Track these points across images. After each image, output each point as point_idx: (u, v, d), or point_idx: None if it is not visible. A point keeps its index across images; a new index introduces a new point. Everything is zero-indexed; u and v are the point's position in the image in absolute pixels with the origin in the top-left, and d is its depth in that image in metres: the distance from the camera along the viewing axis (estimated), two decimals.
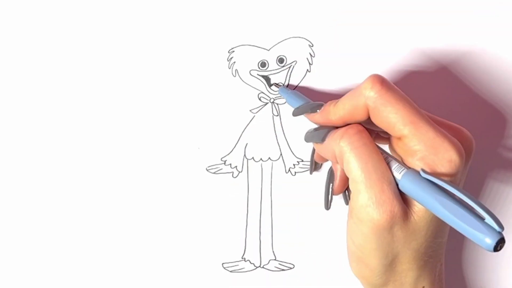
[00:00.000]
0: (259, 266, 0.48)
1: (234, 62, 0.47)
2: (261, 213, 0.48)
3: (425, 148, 0.36)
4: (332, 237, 0.48)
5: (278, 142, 0.48)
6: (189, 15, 0.46)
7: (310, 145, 0.47)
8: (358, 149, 0.37)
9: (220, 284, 0.48)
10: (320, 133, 0.41)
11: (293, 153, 0.48)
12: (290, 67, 0.47)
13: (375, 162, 0.37)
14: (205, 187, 0.48)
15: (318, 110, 0.41)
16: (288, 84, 0.47)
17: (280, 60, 0.47)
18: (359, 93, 0.38)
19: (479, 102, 0.47)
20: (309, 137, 0.43)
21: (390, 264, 0.38)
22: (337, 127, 0.40)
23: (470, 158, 0.39)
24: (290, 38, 0.46)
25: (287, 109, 0.47)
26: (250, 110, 0.47)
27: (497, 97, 0.47)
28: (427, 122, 0.37)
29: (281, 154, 0.48)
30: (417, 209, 0.37)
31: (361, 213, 0.37)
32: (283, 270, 0.48)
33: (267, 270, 0.48)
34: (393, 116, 0.37)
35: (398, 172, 0.37)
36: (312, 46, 0.46)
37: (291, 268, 0.48)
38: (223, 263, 0.48)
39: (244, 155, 0.48)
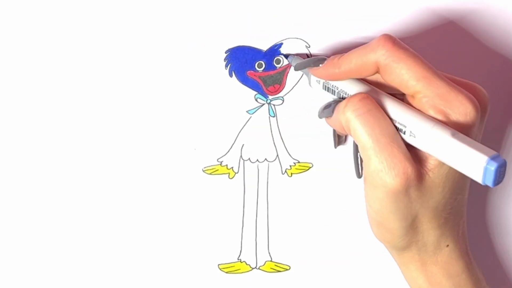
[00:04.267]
0: (255, 267, 0.48)
1: (231, 62, 0.46)
2: (257, 214, 0.48)
3: (440, 103, 0.36)
4: (328, 238, 0.48)
5: (274, 143, 0.48)
6: (186, 15, 0.46)
7: (308, 146, 0.47)
8: (363, 115, 0.37)
9: (215, 285, 0.48)
10: (329, 106, 0.41)
11: (289, 154, 0.48)
12: (287, 68, 0.47)
13: (382, 126, 0.37)
14: (201, 188, 0.47)
15: (321, 65, 0.41)
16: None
17: (277, 61, 0.46)
18: (369, 50, 0.38)
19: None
20: (320, 113, 0.43)
21: (411, 226, 0.38)
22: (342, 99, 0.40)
23: (486, 113, 0.39)
24: (287, 39, 0.46)
25: (284, 110, 0.47)
26: (246, 111, 0.47)
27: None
28: (440, 77, 0.37)
29: (277, 155, 0.48)
30: (432, 166, 0.37)
31: (375, 179, 0.37)
32: (279, 271, 0.48)
33: (263, 271, 0.48)
34: (405, 72, 0.37)
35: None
36: (309, 47, 0.46)
37: (287, 270, 0.48)
38: (219, 264, 0.48)
39: (241, 156, 0.48)
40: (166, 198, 0.47)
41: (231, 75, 0.47)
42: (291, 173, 0.48)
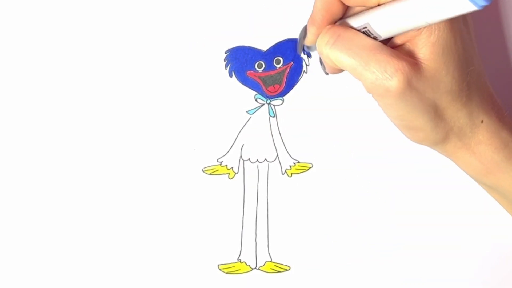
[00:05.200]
0: (255, 268, 0.48)
1: (231, 63, 0.47)
2: (257, 215, 0.48)
3: None
4: (328, 239, 0.48)
5: (274, 144, 0.48)
6: (186, 15, 0.46)
7: (308, 146, 0.47)
8: (335, 43, 0.37)
9: (215, 286, 0.48)
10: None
11: (289, 154, 0.48)
12: (286, 68, 0.47)
13: (356, 42, 0.37)
14: (201, 188, 0.47)
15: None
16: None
17: (277, 61, 0.47)
18: None
19: None
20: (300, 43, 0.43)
21: (436, 116, 0.38)
22: None
23: None
24: (286, 39, 0.46)
25: (283, 110, 0.47)
26: (246, 111, 0.47)
27: None
28: None
29: (277, 156, 0.48)
30: (422, 54, 0.36)
31: (377, 90, 0.37)
32: (279, 272, 0.48)
33: (263, 272, 0.48)
34: None
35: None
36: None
37: (287, 270, 0.48)
38: (218, 265, 0.48)
39: (240, 156, 0.48)
40: (166, 198, 0.47)
41: (231, 75, 0.47)
42: (291, 173, 0.48)
